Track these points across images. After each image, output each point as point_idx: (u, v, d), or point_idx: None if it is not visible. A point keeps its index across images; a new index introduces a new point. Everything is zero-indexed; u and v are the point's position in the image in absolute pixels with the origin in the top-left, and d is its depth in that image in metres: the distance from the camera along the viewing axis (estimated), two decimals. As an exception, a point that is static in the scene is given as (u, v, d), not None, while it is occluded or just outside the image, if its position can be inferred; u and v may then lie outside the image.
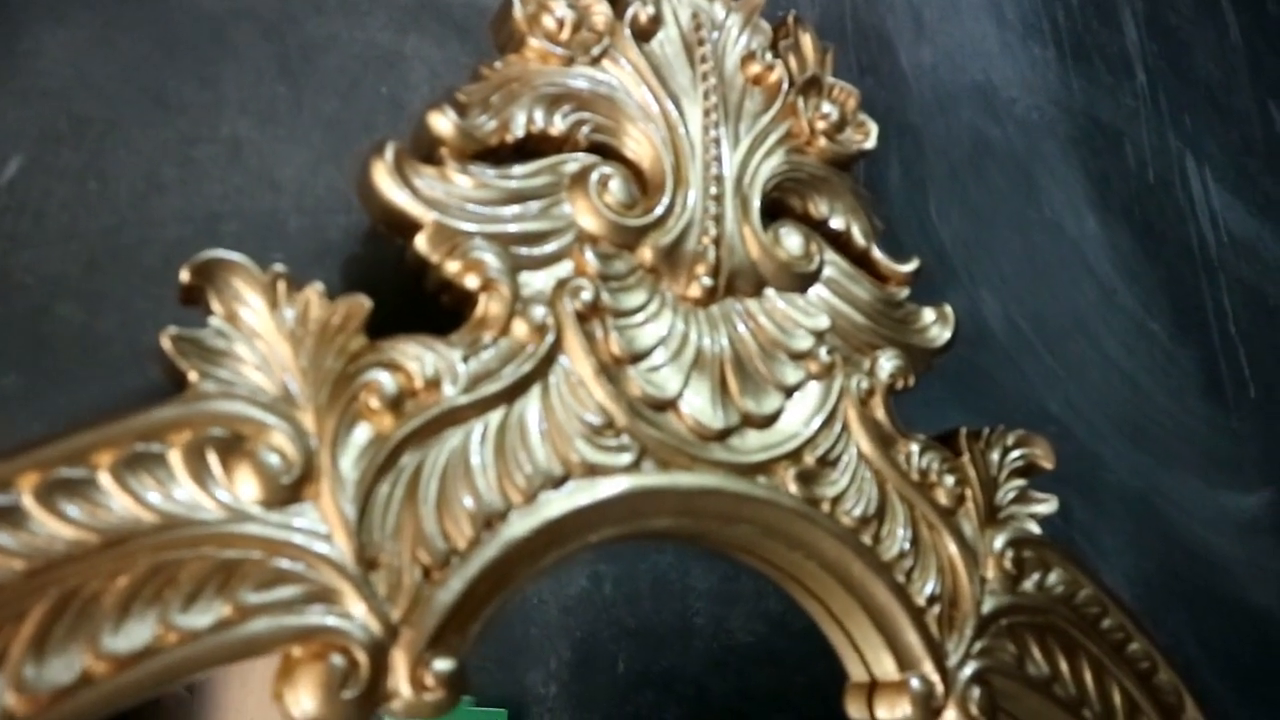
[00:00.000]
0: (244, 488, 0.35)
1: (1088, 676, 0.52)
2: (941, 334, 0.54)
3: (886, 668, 0.46)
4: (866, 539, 0.47)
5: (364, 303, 0.39)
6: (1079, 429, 0.74)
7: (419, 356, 0.39)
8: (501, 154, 0.45)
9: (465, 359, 0.40)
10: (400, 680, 0.35)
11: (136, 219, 0.44)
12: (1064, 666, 0.51)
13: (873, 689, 0.47)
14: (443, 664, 0.36)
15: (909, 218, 0.70)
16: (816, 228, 0.53)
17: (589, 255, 0.45)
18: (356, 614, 0.35)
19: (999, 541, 0.51)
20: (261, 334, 0.37)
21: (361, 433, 0.38)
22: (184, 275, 0.37)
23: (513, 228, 0.43)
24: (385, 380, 0.38)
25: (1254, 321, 0.94)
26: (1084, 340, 0.78)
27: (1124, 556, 0.72)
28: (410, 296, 0.44)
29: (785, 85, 0.53)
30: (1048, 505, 0.54)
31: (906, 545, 0.48)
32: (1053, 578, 0.52)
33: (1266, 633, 0.79)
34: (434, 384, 0.39)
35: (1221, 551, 0.79)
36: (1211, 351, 0.89)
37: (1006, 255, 0.75)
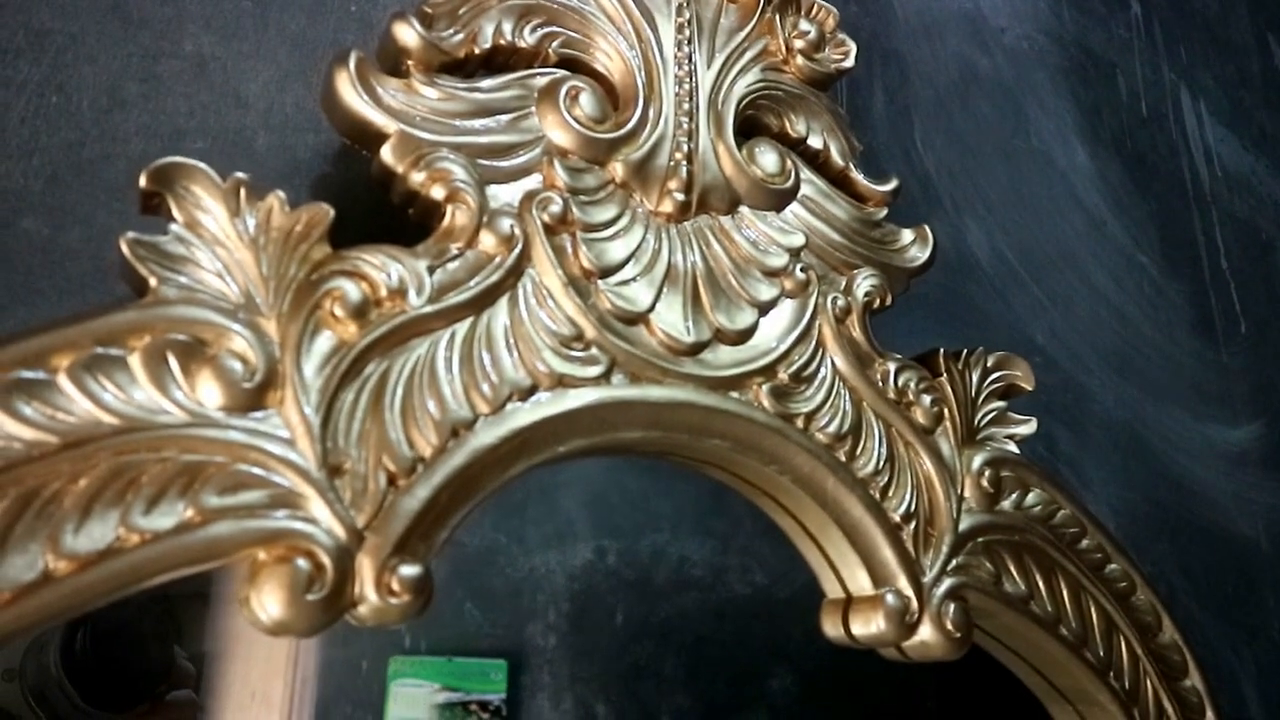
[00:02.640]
0: (206, 392, 0.35)
1: (1065, 595, 0.52)
2: (920, 254, 0.53)
3: (861, 584, 0.47)
4: (841, 455, 0.46)
5: (326, 210, 0.39)
6: (1065, 360, 0.73)
7: (384, 266, 0.39)
8: (469, 67, 0.45)
9: (431, 269, 0.40)
10: (366, 585, 0.35)
11: (99, 134, 0.43)
12: (1041, 584, 0.51)
13: (848, 605, 0.47)
14: (409, 570, 0.36)
15: (892, 145, 0.69)
16: (793, 147, 0.52)
17: (558, 169, 0.44)
18: (321, 519, 0.35)
19: (977, 461, 0.51)
20: (223, 241, 0.37)
21: (325, 340, 0.37)
22: (143, 181, 0.36)
23: (480, 140, 0.43)
24: (349, 288, 0.38)
25: (1246, 257, 0.94)
26: (1071, 272, 0.77)
27: (1109, 487, 0.72)
28: (381, 217, 0.43)
29: (762, 2, 0.52)
30: (1027, 427, 0.54)
31: (882, 463, 0.47)
32: (1031, 498, 0.52)
33: (1250, 564, 0.79)
34: (399, 293, 0.39)
35: (1207, 483, 0.79)
36: (1202, 286, 0.88)
37: (993, 185, 0.74)
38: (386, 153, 0.41)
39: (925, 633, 0.46)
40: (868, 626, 0.46)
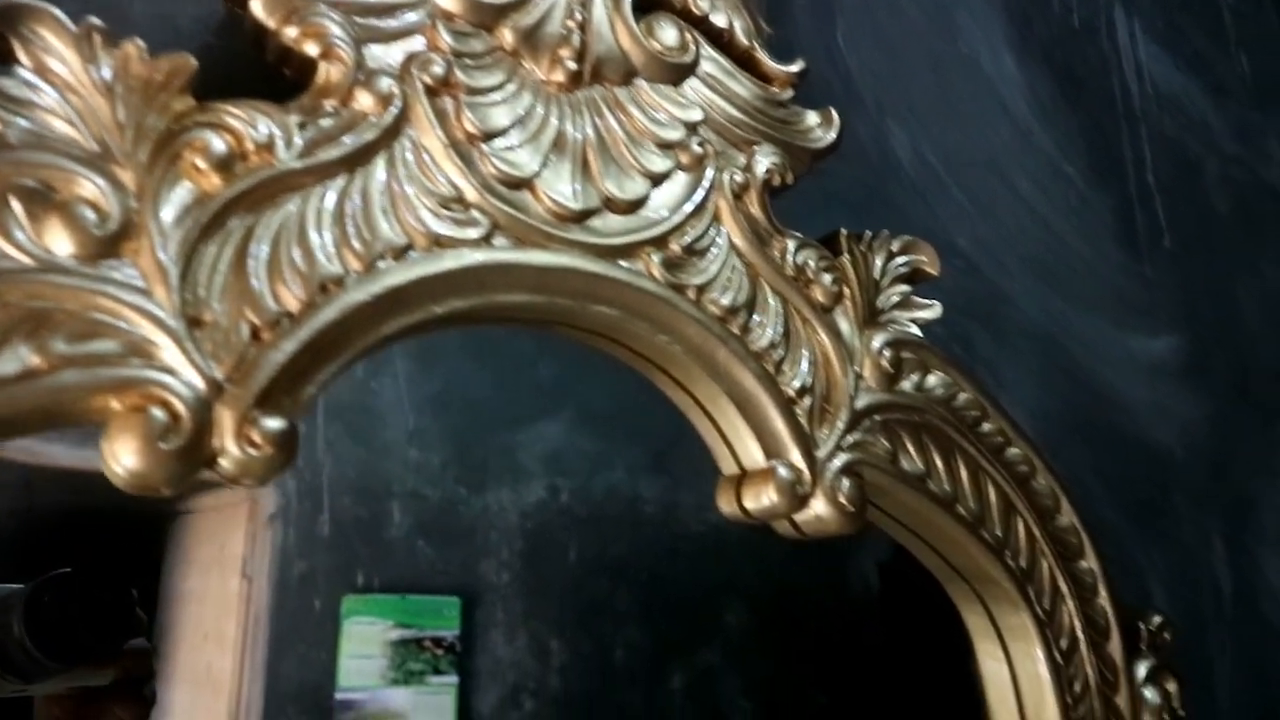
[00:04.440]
0: (54, 240, 0.33)
1: (963, 475, 0.52)
2: (825, 136, 0.53)
3: (754, 457, 0.46)
4: (734, 328, 0.46)
5: (188, 60, 0.37)
6: (986, 265, 0.73)
7: (250, 119, 0.38)
8: (350, -75, 0.43)
9: (303, 125, 0.39)
10: (226, 437, 0.35)
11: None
12: (939, 464, 0.51)
13: (741, 480, 0.47)
14: (272, 423, 0.35)
15: (815, 44, 0.68)
16: (697, 24, 0.51)
17: (443, 32, 0.43)
18: (178, 368, 0.34)
19: (877, 341, 0.51)
20: (75, 88, 0.35)
21: (186, 191, 0.36)
22: (-15, 22, 0.35)
23: (359, -2, 0.41)
24: (213, 140, 0.37)
25: (1173, 173, 0.94)
26: (996, 179, 0.77)
27: (1027, 390, 0.73)
28: (270, 94, 0.42)
29: None
30: (931, 311, 0.54)
31: (777, 337, 0.47)
32: (932, 380, 0.52)
33: (1166, 471, 0.80)
34: (266, 148, 0.38)
35: (1125, 391, 0.80)
36: (1127, 200, 0.88)
37: (918, 89, 0.74)
38: (257, 6, 0.40)
39: (818, 506, 0.46)
40: (759, 499, 0.46)
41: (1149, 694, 0.59)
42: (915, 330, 0.53)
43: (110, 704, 0.94)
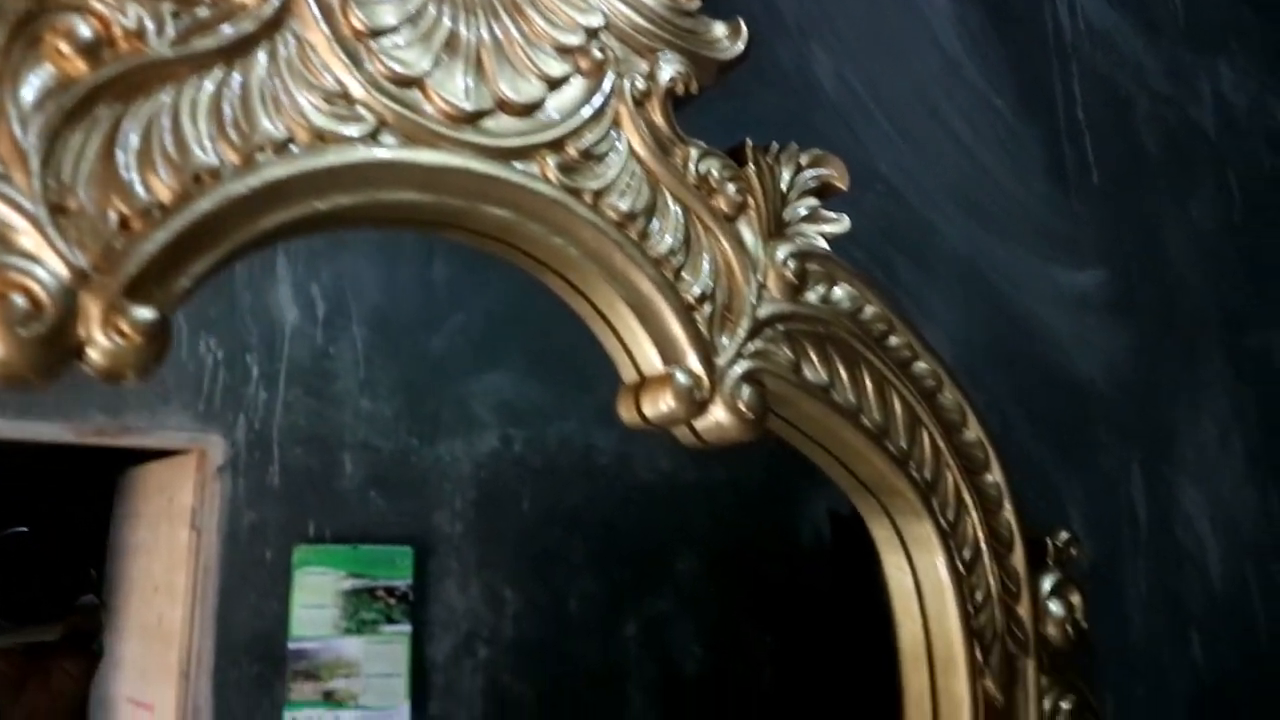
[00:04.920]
0: (-94, 120, 0.32)
1: (868, 386, 0.52)
2: (732, 47, 0.52)
3: (653, 363, 0.46)
4: (632, 233, 0.46)
5: (51, -59, 0.36)
6: (910, 194, 0.74)
7: (118, 5, 0.37)
8: None
9: (176, 14, 0.38)
10: (93, 326, 0.34)
11: None
12: (844, 375, 0.51)
13: (640, 387, 0.47)
14: (142, 312, 0.35)
15: (737, -36, 0.67)
16: (600, -70, 0.50)
17: (329, -75, 0.42)
18: (39, 255, 0.33)
19: (782, 252, 0.51)
20: (-73, -36, 0.34)
21: (48, 75, 0.35)
22: None
23: (238, -113, 0.40)
24: (78, 24, 0.36)
25: (1103, 110, 0.95)
26: (923, 109, 0.77)
27: (949, 319, 0.74)
28: None
29: None
30: (838, 225, 0.54)
31: (677, 244, 0.47)
32: (839, 292, 0.53)
33: (1088, 401, 0.81)
34: (136, 35, 0.37)
35: (1049, 323, 0.81)
36: (1056, 134, 0.89)
37: (844, 15, 0.73)
38: (128, -109, 0.38)
39: (718, 413, 0.46)
40: (657, 405, 0.46)
41: (1054, 606, 0.60)
42: (822, 243, 0.53)
43: (58, 659, 0.94)
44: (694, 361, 0.46)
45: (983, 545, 0.56)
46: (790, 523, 2.18)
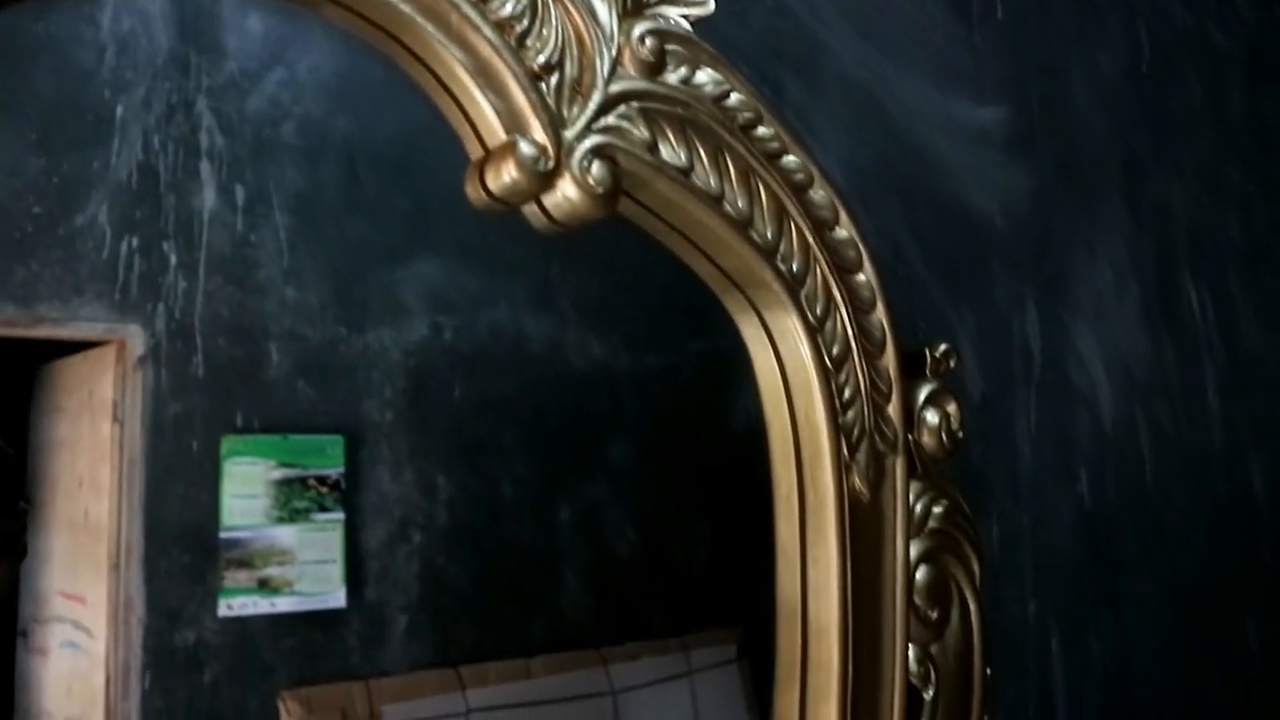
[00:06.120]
0: None
1: (732, 173, 0.51)
2: None
3: (496, 133, 0.45)
4: (471, -6, 0.43)
5: None
6: (799, 8, 0.71)
7: None
8: None
9: None
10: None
11: None
12: (705, 159, 0.50)
13: (485, 161, 0.45)
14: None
15: None
16: None
17: None
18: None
19: (638, 29, 0.49)
20: None
21: None
22: None
23: None
24: None
25: (1012, -56, 0.92)
26: (818, -75, 0.74)
27: (839, 141, 0.72)
28: None
29: None
30: (702, 9, 0.52)
31: (520, 10, 0.45)
32: (702, 76, 0.51)
33: (980, 233, 0.81)
34: None
35: (945, 154, 0.80)
36: (961, -36, 0.87)
37: None
38: None
39: (566, 188, 0.45)
40: (500, 177, 0.44)
41: (930, 415, 0.60)
42: (685, 25, 0.51)
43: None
44: (539, 132, 0.44)
45: (852, 343, 0.55)
46: (723, 410, 2.19)
